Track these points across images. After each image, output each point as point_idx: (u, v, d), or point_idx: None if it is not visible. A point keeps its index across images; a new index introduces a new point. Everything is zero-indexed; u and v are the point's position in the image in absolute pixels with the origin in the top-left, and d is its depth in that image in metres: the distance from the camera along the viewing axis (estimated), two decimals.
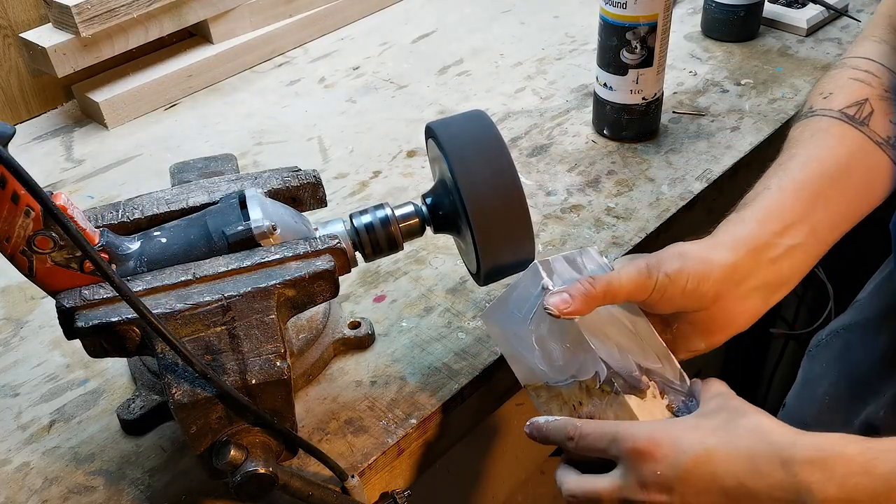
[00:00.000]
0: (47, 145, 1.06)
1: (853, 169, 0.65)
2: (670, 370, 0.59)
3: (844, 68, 0.71)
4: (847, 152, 0.65)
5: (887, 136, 0.66)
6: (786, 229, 0.60)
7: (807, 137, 0.66)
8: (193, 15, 1.11)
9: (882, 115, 0.67)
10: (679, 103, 1.05)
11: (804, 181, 0.62)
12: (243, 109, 1.10)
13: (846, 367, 0.82)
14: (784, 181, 0.63)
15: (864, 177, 0.65)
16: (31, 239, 0.52)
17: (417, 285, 0.80)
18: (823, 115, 0.67)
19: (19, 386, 0.73)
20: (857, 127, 0.66)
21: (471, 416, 0.73)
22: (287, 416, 0.57)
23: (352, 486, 0.62)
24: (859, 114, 0.66)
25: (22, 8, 1.04)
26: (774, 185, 0.63)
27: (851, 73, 0.70)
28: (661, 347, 0.60)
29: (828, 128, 0.66)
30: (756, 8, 1.14)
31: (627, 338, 0.58)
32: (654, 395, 0.57)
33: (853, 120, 0.66)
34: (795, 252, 0.61)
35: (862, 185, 0.65)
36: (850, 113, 0.66)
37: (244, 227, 0.58)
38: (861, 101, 0.67)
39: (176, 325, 0.54)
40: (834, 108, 0.67)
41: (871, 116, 0.66)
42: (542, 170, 0.95)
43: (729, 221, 0.62)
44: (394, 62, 1.18)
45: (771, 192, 0.62)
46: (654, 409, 0.56)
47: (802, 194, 0.62)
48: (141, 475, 0.65)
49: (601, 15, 0.91)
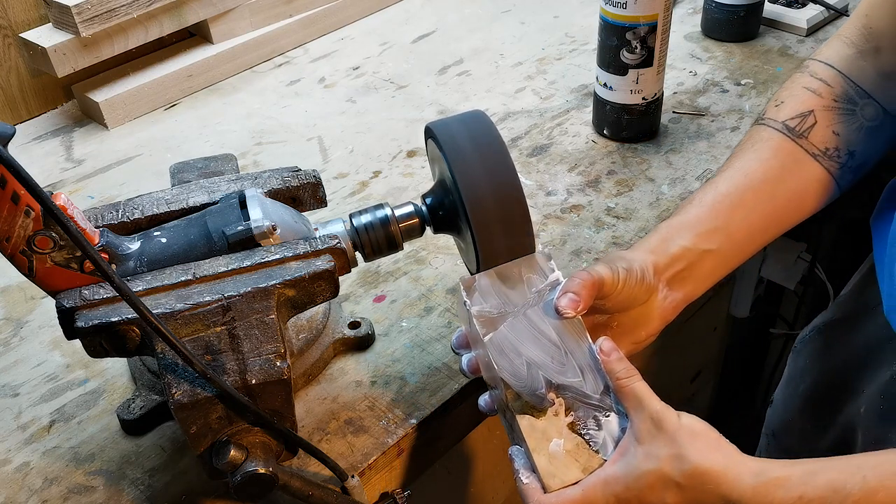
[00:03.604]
0: (47, 145, 1.06)
1: (783, 180, 0.70)
2: (591, 384, 0.58)
3: (804, 73, 0.75)
4: (779, 165, 0.70)
5: (825, 147, 0.71)
6: (698, 236, 0.66)
7: (747, 148, 0.72)
8: (193, 15, 1.11)
9: (824, 126, 0.71)
10: (679, 103, 1.05)
11: (726, 193, 0.69)
12: (243, 109, 1.10)
13: (827, 364, 0.82)
14: (706, 196, 0.69)
15: (794, 188, 0.71)
16: (31, 239, 0.52)
17: (417, 285, 0.80)
18: (768, 126, 0.73)
19: (19, 386, 0.73)
20: (795, 140, 0.71)
21: (471, 416, 0.73)
22: (287, 416, 0.57)
23: (352, 486, 0.62)
24: (801, 125, 0.71)
25: (22, 8, 1.04)
26: (696, 200, 0.69)
27: (807, 80, 0.74)
28: (586, 359, 0.59)
29: (768, 138, 0.72)
30: (756, 8, 1.14)
31: (545, 352, 0.59)
32: (556, 413, 0.57)
33: (793, 132, 0.71)
34: (710, 255, 0.67)
35: (791, 196, 0.71)
36: (792, 125, 0.71)
37: (244, 227, 0.58)
38: (805, 113, 0.72)
39: (176, 325, 0.54)
40: (778, 120, 0.73)
41: (812, 128, 0.71)
42: (542, 170, 0.95)
43: (648, 234, 0.69)
44: (394, 62, 1.18)
45: (692, 206, 0.69)
46: (550, 429, 0.57)
47: (721, 206, 0.68)
48: (141, 475, 0.65)
49: (601, 15, 0.91)
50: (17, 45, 1.05)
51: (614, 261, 0.62)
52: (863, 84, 0.72)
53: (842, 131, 0.71)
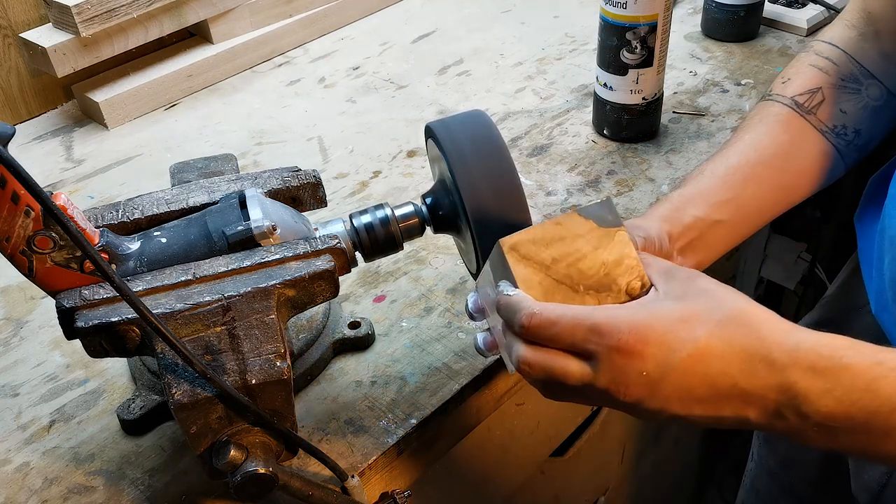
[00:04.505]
0: (47, 145, 1.06)
1: (792, 155, 0.70)
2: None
3: (809, 53, 0.76)
4: (789, 139, 0.71)
5: (833, 124, 0.72)
6: (710, 207, 0.66)
7: (756, 122, 0.72)
8: (193, 15, 1.11)
9: (832, 103, 0.72)
10: (679, 103, 1.05)
11: (737, 166, 0.69)
12: (243, 109, 1.10)
13: None
14: (718, 168, 0.69)
15: (803, 163, 0.71)
16: (31, 239, 0.52)
17: (417, 285, 0.80)
18: (776, 101, 0.73)
19: (19, 386, 0.73)
20: (804, 115, 0.71)
21: (471, 416, 0.73)
22: (287, 416, 0.57)
23: (352, 486, 0.62)
24: (809, 102, 0.72)
25: (22, 8, 1.04)
26: (708, 172, 0.69)
27: (813, 59, 0.74)
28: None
29: (777, 113, 0.72)
30: (756, 8, 1.14)
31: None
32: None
33: (801, 108, 0.72)
34: (721, 226, 0.67)
35: (800, 171, 0.71)
36: (801, 101, 0.72)
37: (244, 227, 0.58)
38: (814, 90, 0.72)
39: (176, 325, 0.54)
40: (787, 95, 0.73)
41: (820, 105, 0.72)
42: (542, 170, 0.95)
43: (659, 203, 0.68)
44: (394, 62, 1.18)
45: (704, 177, 0.69)
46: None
47: (734, 178, 0.68)
48: (141, 475, 0.65)
49: (601, 15, 0.91)
50: (17, 45, 1.05)
51: (630, 230, 0.58)
52: (866, 64, 0.73)
53: (848, 109, 0.72)
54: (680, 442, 1.34)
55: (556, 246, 0.52)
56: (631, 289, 0.52)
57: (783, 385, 0.45)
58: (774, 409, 0.46)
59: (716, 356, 0.46)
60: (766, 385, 0.46)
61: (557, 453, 0.98)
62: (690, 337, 0.47)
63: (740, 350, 0.46)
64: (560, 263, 0.52)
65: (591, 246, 0.52)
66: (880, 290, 0.69)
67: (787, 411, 0.46)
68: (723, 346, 0.47)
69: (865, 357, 0.45)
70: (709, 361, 0.46)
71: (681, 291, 0.50)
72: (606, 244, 0.52)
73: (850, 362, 0.45)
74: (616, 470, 1.17)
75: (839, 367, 0.45)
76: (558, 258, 0.52)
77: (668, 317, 0.48)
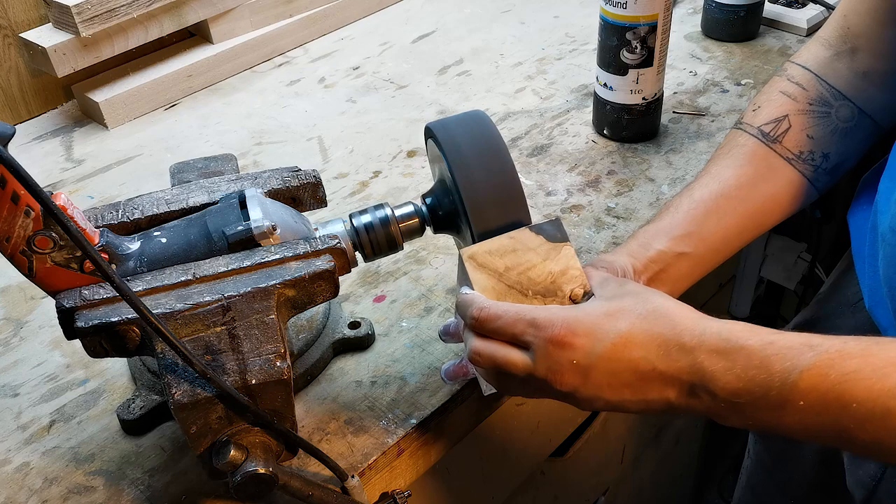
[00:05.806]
0: (47, 145, 1.06)
1: (755, 185, 0.72)
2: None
3: (782, 77, 0.77)
4: (753, 171, 0.73)
5: (799, 151, 0.73)
6: (673, 241, 0.68)
7: (723, 154, 0.75)
8: (193, 15, 1.11)
9: (798, 130, 0.74)
10: (679, 103, 1.05)
11: (700, 199, 0.71)
12: (243, 109, 1.10)
13: None
14: (683, 202, 0.71)
15: (768, 192, 0.73)
16: (31, 239, 0.52)
17: (417, 285, 0.80)
18: (744, 131, 0.75)
19: (19, 386, 0.73)
20: (769, 145, 0.73)
21: (471, 416, 0.73)
22: (287, 416, 0.57)
23: (352, 486, 0.62)
24: (775, 131, 0.74)
25: (22, 8, 1.04)
26: (674, 206, 0.71)
27: (784, 84, 0.76)
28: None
29: (743, 144, 0.74)
30: (756, 8, 1.14)
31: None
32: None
33: (767, 137, 0.74)
34: (685, 258, 0.69)
35: (765, 200, 0.73)
36: (767, 130, 0.74)
37: (244, 227, 0.58)
38: (780, 118, 0.74)
39: (176, 325, 0.54)
40: (755, 125, 0.75)
41: (786, 133, 0.73)
42: (542, 170, 0.95)
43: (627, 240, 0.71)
44: (394, 62, 1.18)
45: (669, 212, 0.71)
46: None
47: (696, 211, 0.70)
48: (141, 475, 0.65)
49: (601, 15, 0.91)
50: (17, 45, 1.05)
51: (596, 263, 0.64)
52: (838, 86, 0.74)
53: (816, 134, 0.73)
54: (680, 442, 1.34)
55: (510, 256, 0.59)
56: (574, 295, 0.59)
57: (693, 365, 0.51)
58: (689, 388, 0.52)
59: (637, 344, 0.53)
60: (679, 367, 0.52)
61: (557, 453, 0.98)
62: (614, 328, 0.53)
63: (658, 336, 0.52)
64: (512, 271, 0.59)
65: (541, 258, 0.59)
66: (874, 286, 0.70)
67: (699, 390, 0.51)
68: (643, 335, 0.53)
69: (760, 338, 0.51)
70: (631, 348, 0.53)
71: (611, 293, 0.57)
72: (554, 256, 0.59)
73: (747, 343, 0.50)
74: (616, 470, 1.17)
75: (737, 347, 0.50)
76: (511, 267, 0.59)
77: (596, 312, 0.54)
